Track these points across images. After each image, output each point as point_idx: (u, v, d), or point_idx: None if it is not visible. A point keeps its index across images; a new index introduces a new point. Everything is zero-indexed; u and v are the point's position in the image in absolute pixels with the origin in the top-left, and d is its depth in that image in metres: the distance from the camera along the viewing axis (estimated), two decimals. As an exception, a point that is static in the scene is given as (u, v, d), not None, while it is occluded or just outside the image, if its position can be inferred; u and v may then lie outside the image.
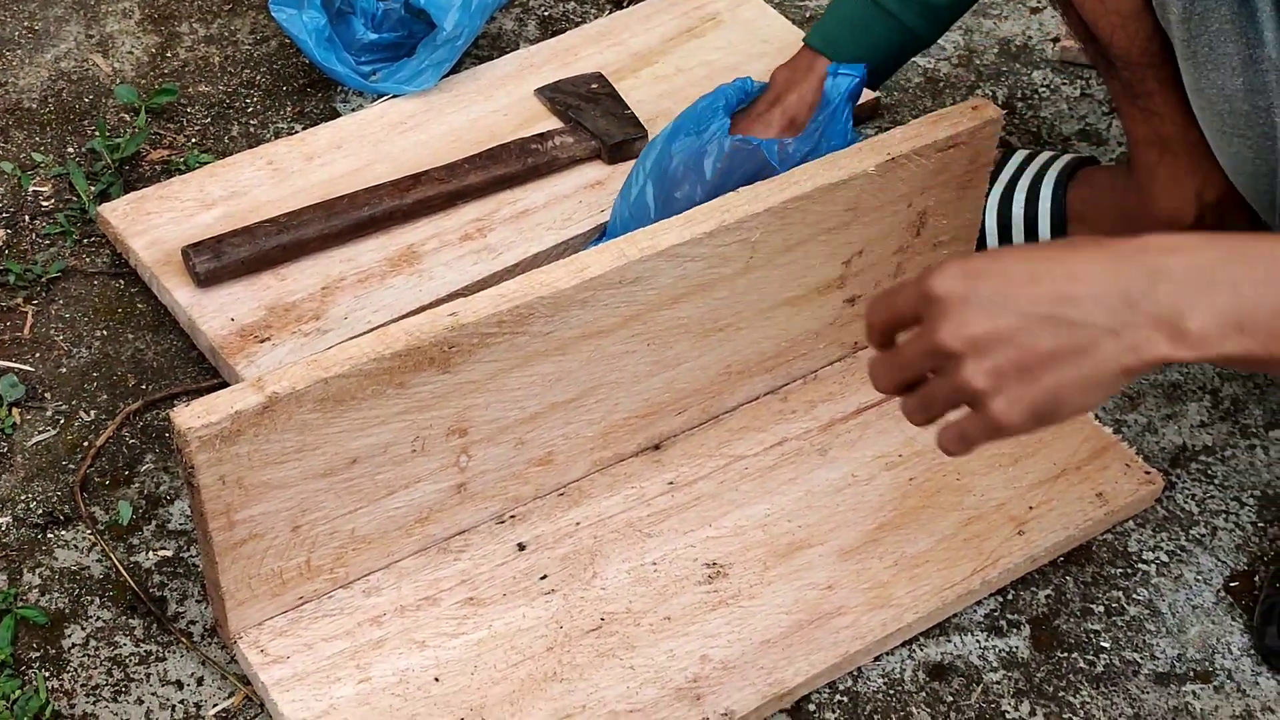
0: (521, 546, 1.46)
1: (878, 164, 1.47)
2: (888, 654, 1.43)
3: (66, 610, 1.43)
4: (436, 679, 1.35)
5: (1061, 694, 1.42)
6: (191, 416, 1.22)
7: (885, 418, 1.58)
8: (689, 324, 1.46)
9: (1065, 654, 1.45)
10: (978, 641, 1.45)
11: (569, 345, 1.39)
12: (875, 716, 1.39)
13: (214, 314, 1.63)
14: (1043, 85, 2.02)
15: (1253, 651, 1.46)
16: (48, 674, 1.38)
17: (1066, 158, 1.76)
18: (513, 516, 1.48)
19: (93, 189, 1.80)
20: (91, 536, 1.49)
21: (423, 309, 1.64)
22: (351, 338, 1.42)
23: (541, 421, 1.43)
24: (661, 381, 1.49)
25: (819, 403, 1.59)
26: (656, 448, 1.54)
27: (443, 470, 1.39)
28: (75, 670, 1.39)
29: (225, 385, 1.58)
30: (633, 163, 1.81)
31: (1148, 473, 1.55)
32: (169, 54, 1.99)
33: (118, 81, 1.95)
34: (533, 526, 1.47)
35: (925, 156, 1.50)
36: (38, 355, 1.64)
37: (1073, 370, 0.97)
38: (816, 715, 1.39)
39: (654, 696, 1.35)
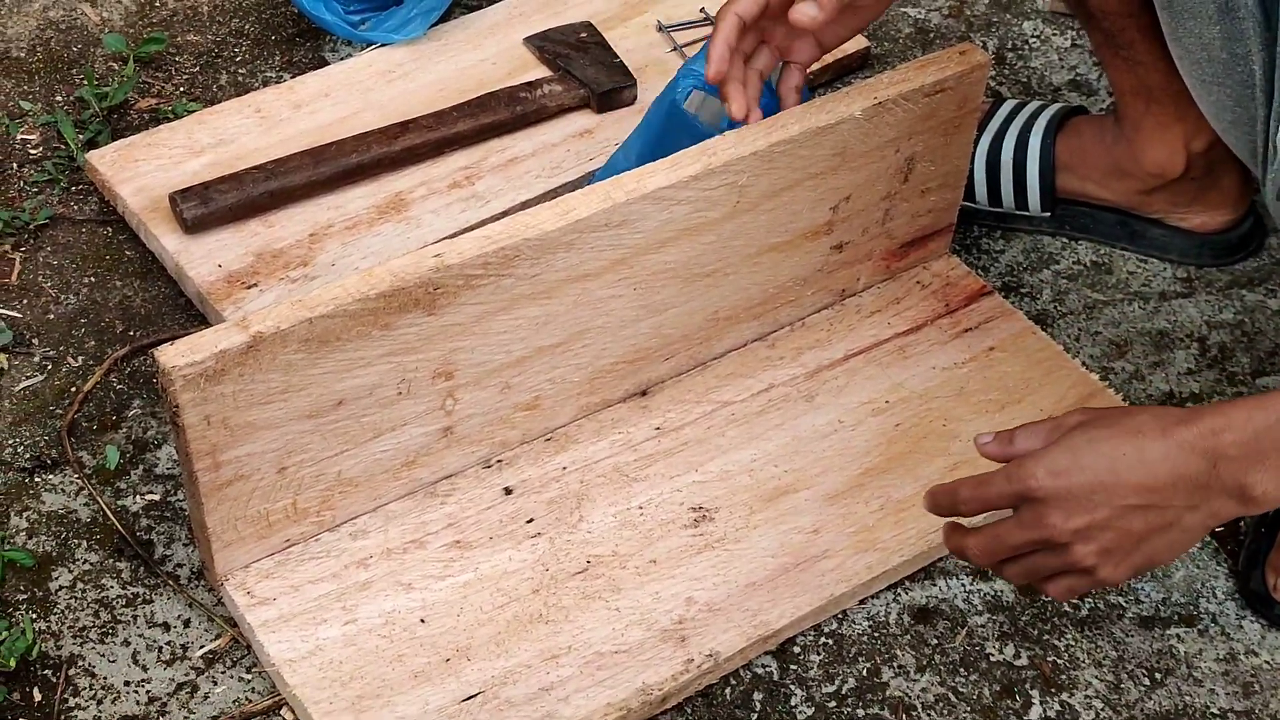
0: (508, 490, 1.46)
1: (864, 108, 1.47)
2: (873, 597, 1.44)
3: (54, 553, 1.43)
4: (423, 620, 1.36)
5: (1046, 637, 1.42)
6: (176, 355, 1.23)
7: (872, 364, 1.58)
8: (676, 269, 1.46)
9: (1050, 598, 1.45)
10: (963, 585, 1.45)
11: (555, 288, 1.39)
12: (860, 659, 1.40)
13: (201, 260, 1.63)
14: (1033, 36, 2.02)
15: (1237, 596, 1.46)
16: (34, 616, 1.39)
17: (1055, 107, 1.76)
18: (499, 461, 1.48)
19: (81, 137, 1.79)
20: (79, 481, 1.49)
21: (410, 256, 1.64)
22: (339, 283, 1.42)
23: (528, 366, 1.43)
24: (649, 327, 1.49)
25: (806, 350, 1.59)
26: (643, 394, 1.54)
27: (429, 414, 1.39)
28: (62, 612, 1.39)
29: (213, 331, 1.57)
30: (622, 111, 1.81)
31: (1134, 419, 1.55)
32: (157, 3, 1.99)
33: (106, 30, 1.94)
34: (519, 471, 1.47)
35: (912, 101, 1.50)
36: (25, 302, 1.64)
37: (1164, 539, 1.17)
38: (801, 657, 1.39)
39: (639, 638, 1.36)
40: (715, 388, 1.55)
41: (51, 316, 1.63)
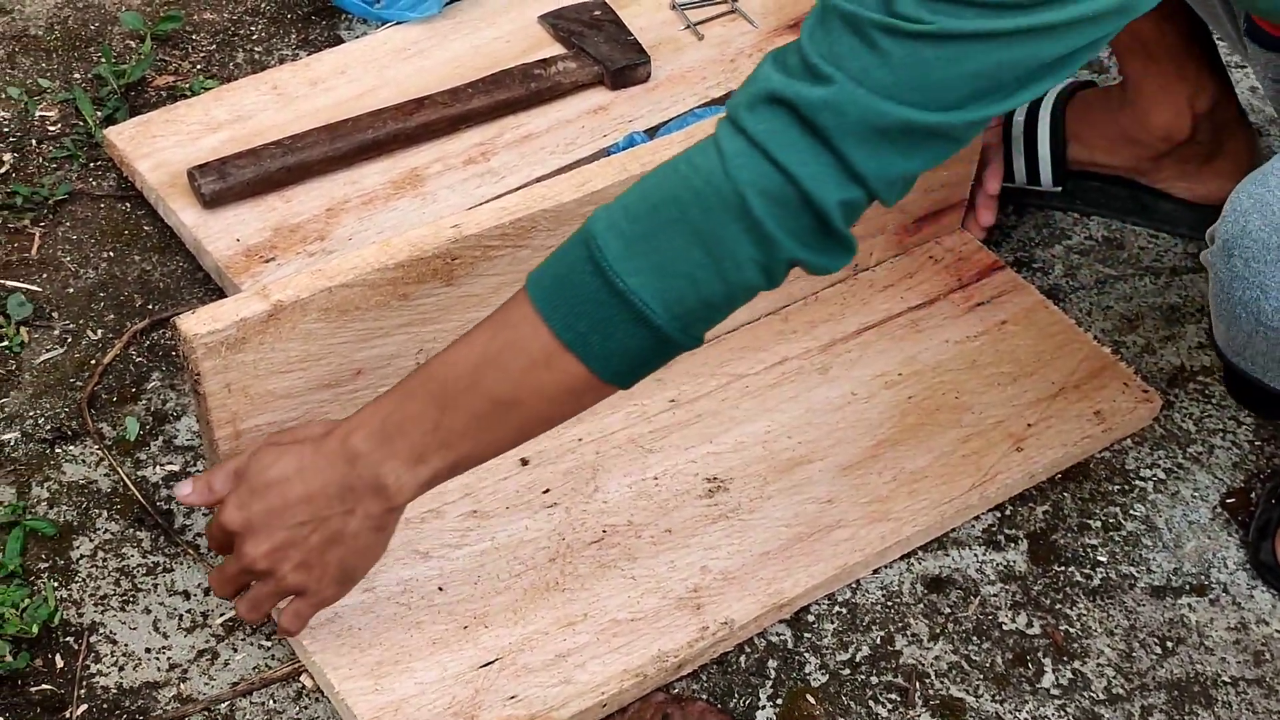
0: (524, 461, 1.47)
1: (878, 82, 1.47)
2: (886, 567, 1.45)
3: (75, 523, 1.45)
4: (440, 589, 1.37)
5: (1058, 606, 1.44)
6: (197, 323, 1.24)
7: (885, 338, 1.59)
8: (690, 241, 1.47)
9: (1062, 568, 1.46)
10: (975, 555, 1.47)
11: (571, 260, 1.40)
12: (874, 627, 1.41)
13: (219, 235, 1.64)
14: (1045, 14, 2.02)
15: (1248, 566, 1.47)
16: (56, 584, 1.40)
17: (1064, 82, 1.76)
18: (516, 432, 1.49)
19: (99, 114, 1.81)
20: (99, 451, 1.50)
21: (427, 230, 1.65)
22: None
23: (544, 337, 1.44)
24: (663, 299, 1.50)
25: (819, 323, 1.60)
26: (658, 366, 1.55)
27: (446, 384, 1.41)
28: (84, 580, 1.41)
29: (231, 305, 1.59)
30: (635, 88, 1.82)
31: (1145, 391, 1.56)
32: (174, -18, 2.00)
33: (123, 9, 1.96)
34: (535, 442, 1.47)
35: (926, 75, 1.50)
36: (45, 275, 1.65)
37: (343, 547, 1.22)
38: (815, 625, 1.41)
39: (655, 606, 1.37)
40: (729, 360, 1.57)
41: (71, 290, 1.64)
